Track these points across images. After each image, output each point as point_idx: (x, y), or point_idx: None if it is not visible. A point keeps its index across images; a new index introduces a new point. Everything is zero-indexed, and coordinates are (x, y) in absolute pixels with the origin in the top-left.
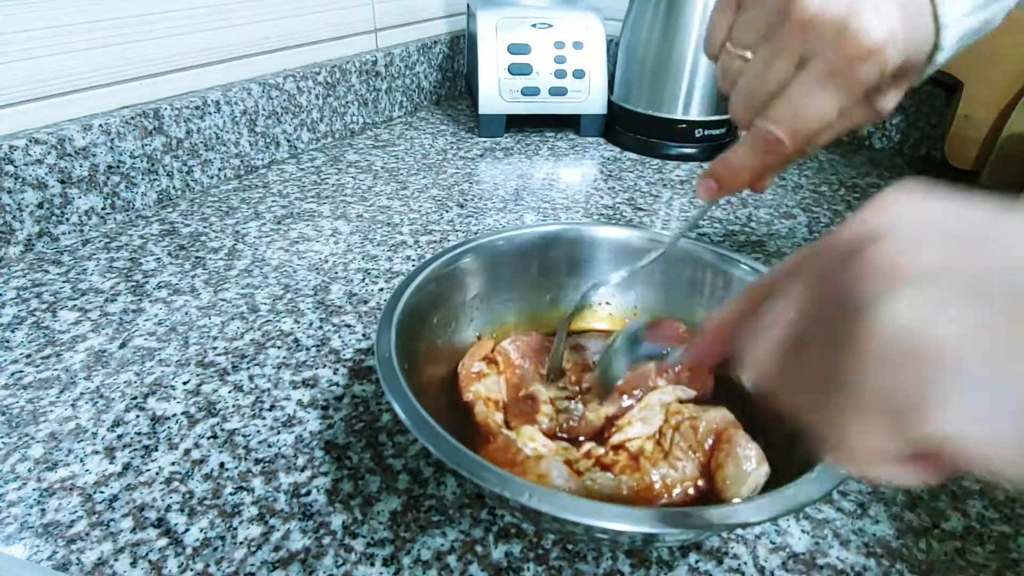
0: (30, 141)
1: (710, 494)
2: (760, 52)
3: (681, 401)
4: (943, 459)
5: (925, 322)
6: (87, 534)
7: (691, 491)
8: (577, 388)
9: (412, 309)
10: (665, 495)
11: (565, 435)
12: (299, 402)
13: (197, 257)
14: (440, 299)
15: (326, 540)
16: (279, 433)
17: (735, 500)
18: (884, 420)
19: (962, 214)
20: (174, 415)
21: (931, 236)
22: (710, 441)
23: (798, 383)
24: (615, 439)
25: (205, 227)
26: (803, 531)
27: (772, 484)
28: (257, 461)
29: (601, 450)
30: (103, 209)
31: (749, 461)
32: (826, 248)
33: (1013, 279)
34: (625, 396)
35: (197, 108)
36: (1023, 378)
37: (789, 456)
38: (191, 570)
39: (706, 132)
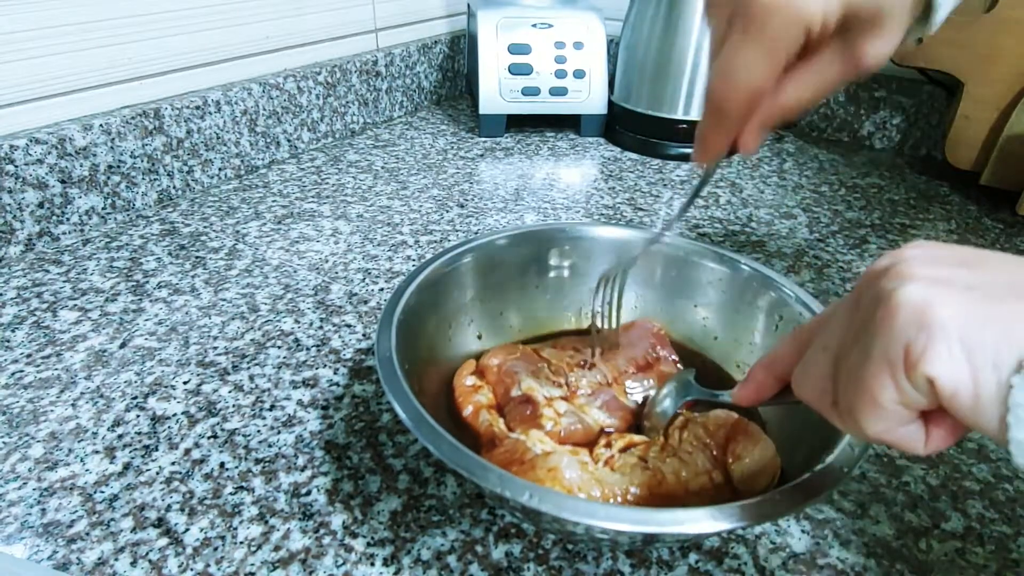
0: (30, 141)
1: (726, 488)
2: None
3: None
4: (945, 418)
5: (928, 299)
6: (87, 534)
7: (708, 484)
8: (568, 386)
9: (412, 309)
10: (680, 490)
11: (568, 442)
12: (299, 402)
13: (197, 257)
14: (441, 299)
15: (326, 540)
16: (279, 433)
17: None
18: (893, 370)
19: (954, 252)
20: (174, 415)
21: (933, 261)
22: (721, 435)
23: (841, 385)
24: (620, 443)
25: (205, 227)
26: (803, 531)
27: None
28: (257, 461)
29: (608, 452)
30: (103, 209)
31: (765, 455)
32: (864, 278)
33: (985, 286)
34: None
35: (197, 108)
36: (980, 338)
37: (791, 456)
38: (191, 570)
39: None
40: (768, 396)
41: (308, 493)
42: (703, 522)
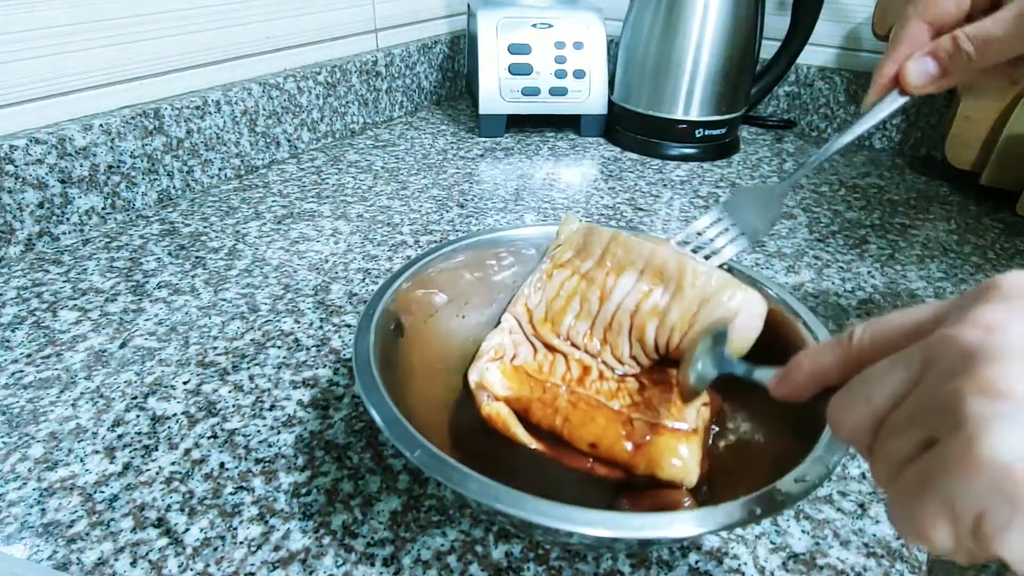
0: (30, 141)
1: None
2: None
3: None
4: None
5: (1022, 462)
6: (87, 534)
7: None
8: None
9: (390, 313)
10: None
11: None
12: (299, 402)
13: (197, 257)
14: (425, 301)
15: (326, 540)
16: (279, 433)
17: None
18: (954, 528)
19: None
20: (174, 415)
21: None
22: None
23: (880, 455)
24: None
25: (205, 227)
26: (803, 531)
27: (775, 471)
28: (257, 461)
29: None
30: (103, 209)
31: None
32: (941, 343)
33: None
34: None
35: (197, 108)
36: None
37: (793, 439)
38: (191, 570)
39: (706, 132)
40: (805, 399)
41: (308, 493)
42: (691, 525)
